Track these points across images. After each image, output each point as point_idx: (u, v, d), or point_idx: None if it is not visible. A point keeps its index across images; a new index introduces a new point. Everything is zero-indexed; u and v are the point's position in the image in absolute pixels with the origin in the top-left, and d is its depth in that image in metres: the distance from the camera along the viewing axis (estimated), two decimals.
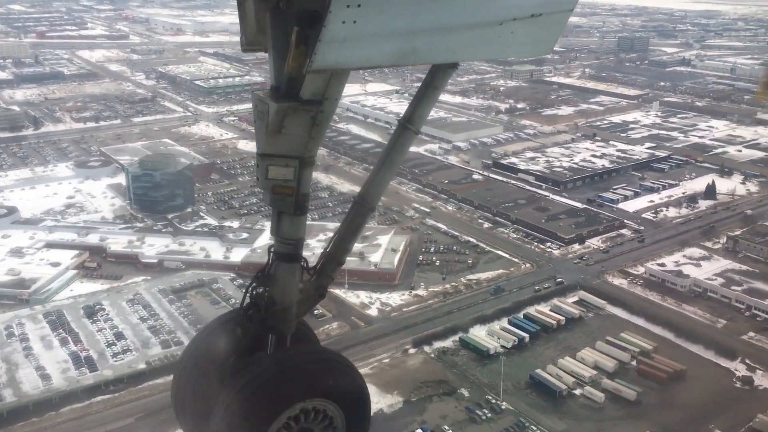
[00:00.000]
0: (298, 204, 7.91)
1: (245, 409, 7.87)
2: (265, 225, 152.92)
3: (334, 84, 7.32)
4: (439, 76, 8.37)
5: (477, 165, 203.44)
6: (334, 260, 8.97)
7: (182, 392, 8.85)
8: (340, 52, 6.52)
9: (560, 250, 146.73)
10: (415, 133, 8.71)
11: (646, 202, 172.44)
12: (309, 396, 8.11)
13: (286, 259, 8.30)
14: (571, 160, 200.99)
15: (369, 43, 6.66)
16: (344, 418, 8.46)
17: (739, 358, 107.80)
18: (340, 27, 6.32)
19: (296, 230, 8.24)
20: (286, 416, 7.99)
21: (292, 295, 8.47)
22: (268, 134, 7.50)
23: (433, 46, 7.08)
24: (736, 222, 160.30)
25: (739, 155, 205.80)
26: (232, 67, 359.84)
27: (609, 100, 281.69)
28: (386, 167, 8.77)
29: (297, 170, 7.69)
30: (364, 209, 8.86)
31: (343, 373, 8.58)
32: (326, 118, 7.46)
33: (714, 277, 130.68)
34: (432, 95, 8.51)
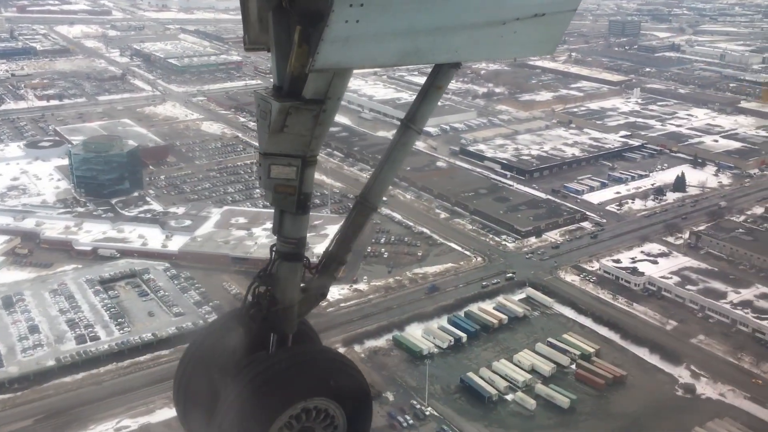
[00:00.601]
0: (300, 203, 7.92)
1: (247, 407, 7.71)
2: (212, 212, 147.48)
3: (337, 83, 7.20)
4: (442, 76, 8.25)
5: (444, 151, 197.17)
6: (336, 260, 9.02)
7: (184, 389, 8.80)
8: (343, 52, 6.44)
9: (515, 244, 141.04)
10: (418, 133, 8.59)
11: (613, 193, 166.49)
12: (310, 395, 8.05)
13: (288, 259, 8.31)
14: (540, 148, 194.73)
15: (371, 43, 6.56)
16: (345, 417, 8.39)
17: (685, 364, 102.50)
18: (342, 26, 6.24)
19: (298, 229, 8.24)
20: (287, 415, 7.91)
21: (293, 295, 8.51)
22: (271, 133, 7.36)
23: (435, 46, 6.99)
24: (703, 216, 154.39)
25: (715, 146, 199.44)
26: (210, 45, 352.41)
27: (590, 86, 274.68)
28: (388, 166, 8.86)
29: (299, 169, 7.66)
30: (365, 209, 9.00)
31: (345, 373, 8.53)
32: (329, 117, 7.32)
33: (670, 275, 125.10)
34: (434, 95, 8.39)
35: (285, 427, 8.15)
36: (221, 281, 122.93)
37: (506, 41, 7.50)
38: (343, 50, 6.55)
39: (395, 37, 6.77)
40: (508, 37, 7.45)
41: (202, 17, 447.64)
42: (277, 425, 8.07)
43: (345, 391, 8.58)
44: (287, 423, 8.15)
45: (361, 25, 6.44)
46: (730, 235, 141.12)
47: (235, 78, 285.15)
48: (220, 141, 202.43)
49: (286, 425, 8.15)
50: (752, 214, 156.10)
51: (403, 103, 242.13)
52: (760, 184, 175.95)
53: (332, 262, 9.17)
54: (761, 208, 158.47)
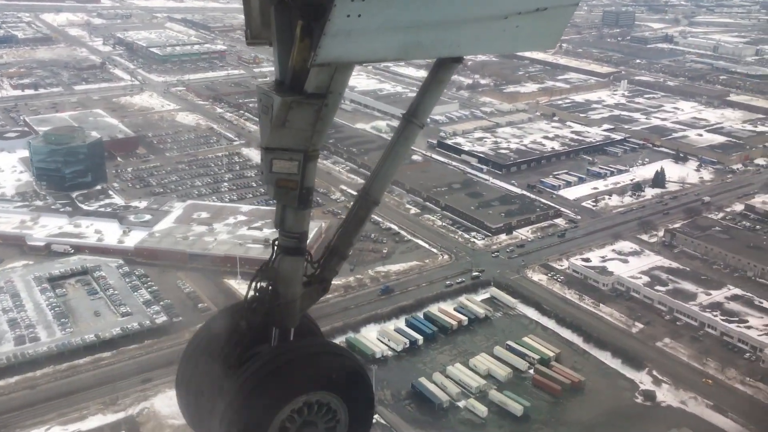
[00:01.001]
0: (302, 198, 7.80)
1: (249, 401, 7.76)
2: (175, 206, 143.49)
3: (339, 78, 7.20)
4: (444, 70, 8.22)
5: (422, 144, 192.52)
6: (338, 254, 8.81)
7: (187, 383, 8.77)
8: (345, 46, 6.45)
9: (485, 241, 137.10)
10: (420, 127, 8.56)
11: (590, 189, 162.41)
12: (312, 389, 8.02)
13: (290, 253, 8.15)
14: (520, 142, 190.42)
15: (373, 37, 6.57)
16: (347, 411, 8.36)
17: (647, 369, 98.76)
18: (344, 20, 6.25)
19: (300, 224, 8.09)
20: (289, 409, 7.90)
21: (295, 289, 8.35)
22: (273, 128, 7.31)
23: (437, 40, 7.01)
24: (680, 213, 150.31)
25: (699, 140, 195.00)
26: (196, 34, 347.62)
27: (578, 78, 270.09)
28: (390, 161, 8.60)
29: (301, 164, 7.55)
30: (368, 203, 8.71)
31: (347, 367, 8.46)
32: (330, 111, 7.34)
33: (639, 275, 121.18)
34: (436, 89, 8.39)
35: (287, 420, 8.11)
36: (176, 279, 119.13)
37: (508, 35, 7.47)
38: (344, 44, 6.49)
39: (397, 31, 6.74)
40: (510, 31, 7.41)
41: (192, 5, 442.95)
42: (279, 419, 8.03)
43: (347, 385, 8.52)
44: (289, 417, 8.11)
45: (363, 19, 6.38)
46: (705, 234, 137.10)
47: (217, 68, 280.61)
48: (194, 132, 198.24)
49: (288, 419, 8.12)
50: (731, 212, 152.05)
51: (385, 94, 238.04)
52: (742, 180, 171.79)
53: (334, 256, 9.00)
54: (741, 205, 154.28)
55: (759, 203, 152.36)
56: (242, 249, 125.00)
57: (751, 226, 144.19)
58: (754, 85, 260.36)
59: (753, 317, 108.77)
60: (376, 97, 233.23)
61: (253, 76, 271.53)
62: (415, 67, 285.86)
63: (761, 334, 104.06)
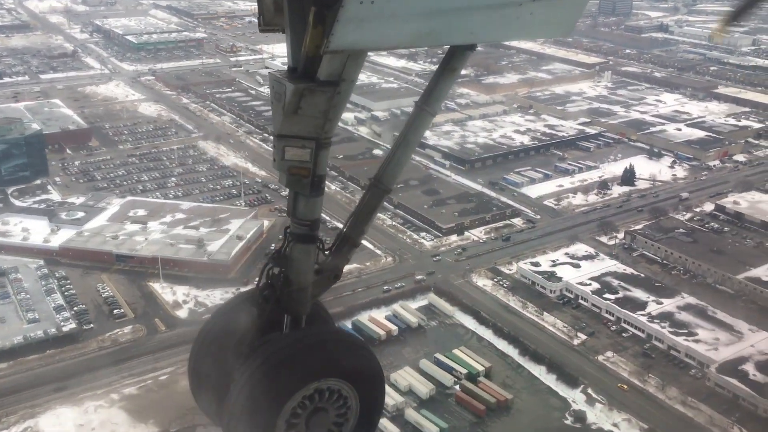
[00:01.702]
0: (314, 185, 7.81)
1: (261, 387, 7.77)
2: (113, 202, 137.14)
3: (351, 65, 7.16)
4: (457, 58, 8.24)
5: (388, 138, 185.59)
6: (349, 242, 9.02)
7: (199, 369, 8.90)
8: (358, 33, 6.41)
9: (433, 242, 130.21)
10: (432, 115, 8.51)
11: (555, 186, 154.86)
12: (323, 376, 8.04)
13: (301, 240, 8.20)
14: (489, 136, 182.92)
15: (386, 24, 6.53)
16: (358, 398, 8.41)
17: (582, 386, 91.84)
18: (357, 7, 6.22)
19: (312, 211, 8.15)
20: (300, 395, 7.92)
21: (307, 276, 8.43)
22: (285, 115, 7.28)
23: (451, 28, 6.93)
24: (644, 213, 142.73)
25: (677, 134, 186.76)
26: (179, 21, 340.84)
27: (562, 68, 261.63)
28: (402, 149, 8.74)
29: (313, 151, 7.49)
30: (379, 191, 8.94)
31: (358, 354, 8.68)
32: (343, 99, 7.32)
33: (590, 281, 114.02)
34: (449, 77, 8.36)
35: (298, 407, 8.04)
36: (98, 282, 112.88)
37: (522, 23, 7.32)
38: (357, 31, 6.43)
39: (410, 19, 6.64)
40: (524, 18, 7.27)
41: None
42: (290, 405, 7.98)
43: (357, 372, 8.47)
44: (300, 403, 8.05)
45: (376, 6, 6.31)
46: (667, 236, 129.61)
47: (193, 56, 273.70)
48: (153, 124, 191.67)
49: (300, 405, 8.06)
50: (700, 212, 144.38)
51: (358, 84, 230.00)
52: (718, 178, 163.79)
53: (345, 243, 8.98)
54: (712, 204, 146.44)
55: (730, 203, 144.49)
56: (172, 250, 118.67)
57: (719, 227, 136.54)
58: (745, 77, 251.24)
59: (703, 329, 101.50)
60: None
61: (229, 65, 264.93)
62: (396, 56, 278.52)
63: (709, 349, 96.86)
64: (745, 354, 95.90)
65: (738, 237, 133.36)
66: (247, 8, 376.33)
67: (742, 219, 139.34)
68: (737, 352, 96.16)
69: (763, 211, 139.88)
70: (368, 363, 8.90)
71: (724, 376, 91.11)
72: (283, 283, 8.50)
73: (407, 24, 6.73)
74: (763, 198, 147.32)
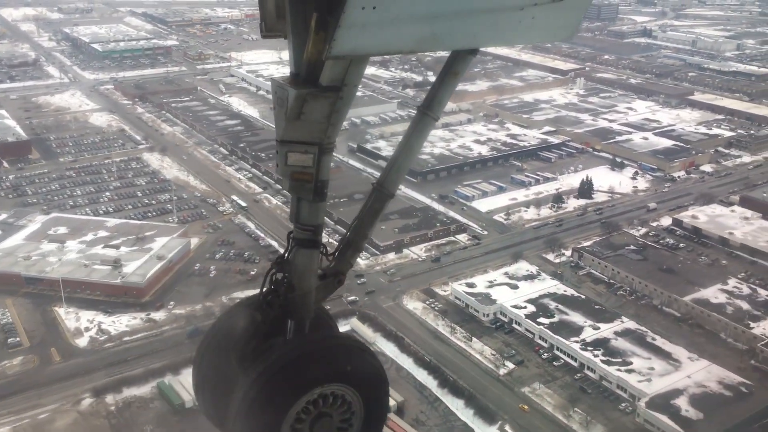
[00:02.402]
0: (317, 191, 7.85)
1: (264, 393, 7.89)
2: (35, 219, 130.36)
3: (354, 70, 7.18)
4: (459, 62, 8.09)
5: (343, 148, 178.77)
6: (353, 247, 8.77)
7: (203, 376, 8.76)
8: (360, 38, 6.41)
9: (369, 261, 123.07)
10: (434, 120, 8.43)
11: (507, 199, 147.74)
12: (327, 381, 8.09)
13: (305, 245, 8.19)
14: (447, 146, 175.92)
15: (388, 29, 6.52)
16: (362, 403, 8.38)
17: (500, 423, 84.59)
18: (359, 12, 6.20)
19: (315, 217, 8.16)
20: (304, 401, 8.01)
21: (311, 281, 8.37)
22: (288, 121, 7.31)
23: (453, 32, 6.96)
24: (596, 229, 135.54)
25: (643, 144, 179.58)
26: (153, 29, 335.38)
27: (536, 75, 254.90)
28: (405, 154, 8.53)
29: (316, 157, 7.59)
30: (382, 195, 8.65)
31: (362, 359, 8.46)
32: (345, 104, 7.37)
33: (525, 303, 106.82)
34: (451, 81, 8.30)
35: (302, 412, 7.95)
36: (1, 306, 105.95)
37: (524, 27, 7.27)
38: (359, 37, 6.36)
39: (412, 23, 6.59)
40: (526, 22, 7.22)
41: None
42: (294, 411, 7.89)
43: (361, 377, 8.25)
44: (304, 409, 7.96)
45: (378, 11, 6.25)
46: (616, 254, 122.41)
47: (158, 64, 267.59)
48: (100, 135, 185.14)
49: (303, 411, 7.96)
50: (657, 227, 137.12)
51: None
52: (681, 190, 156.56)
53: (348, 248, 8.66)
54: (670, 218, 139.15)
55: (688, 217, 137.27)
56: (84, 271, 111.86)
57: (674, 243, 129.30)
58: (724, 83, 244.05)
59: (639, 358, 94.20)
60: None
61: (195, 73, 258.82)
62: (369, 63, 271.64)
63: (642, 380, 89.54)
64: (680, 386, 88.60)
65: (693, 254, 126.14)
66: (223, 16, 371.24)
67: (699, 234, 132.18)
68: (672, 384, 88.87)
69: (723, 226, 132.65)
70: (372, 368, 8.48)
71: (653, 412, 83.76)
72: (287, 289, 8.26)
73: (409, 29, 6.61)
74: (723, 211, 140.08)
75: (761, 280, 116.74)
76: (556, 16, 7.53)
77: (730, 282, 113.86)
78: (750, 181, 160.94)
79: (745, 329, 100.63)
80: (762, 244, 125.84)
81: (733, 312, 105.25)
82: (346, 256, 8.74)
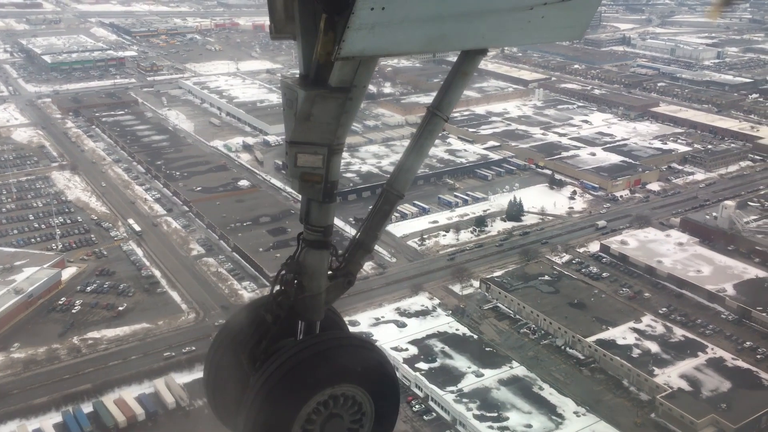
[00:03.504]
0: (326, 192, 7.87)
1: (275, 393, 7.91)
2: None
3: (363, 71, 7.26)
4: (468, 62, 8.03)
5: (270, 166, 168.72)
6: (363, 248, 8.82)
7: (214, 377, 8.89)
8: (369, 39, 6.43)
9: (256, 293, 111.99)
10: (444, 120, 8.46)
11: (427, 222, 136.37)
12: (338, 382, 8.12)
13: (314, 246, 8.24)
14: (377, 163, 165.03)
15: (397, 30, 6.53)
16: (373, 404, 8.41)
17: None
18: (368, 13, 6.23)
19: (325, 218, 8.20)
20: (315, 401, 8.03)
21: (321, 282, 8.42)
22: (297, 122, 7.40)
23: (461, 32, 6.97)
24: (515, 256, 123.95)
25: (589, 160, 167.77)
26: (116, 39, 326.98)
27: (496, 86, 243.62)
28: (415, 154, 8.52)
29: (325, 158, 7.62)
30: (392, 196, 8.65)
31: (372, 360, 8.48)
32: (355, 105, 7.44)
33: (408, 345, 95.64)
34: (461, 81, 8.21)
35: (313, 413, 7.99)
36: None
37: (533, 26, 7.26)
38: (368, 38, 6.36)
39: (421, 24, 6.59)
40: (535, 22, 7.22)
41: (137, 9, 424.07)
42: (305, 411, 7.94)
43: (372, 377, 8.32)
44: (315, 409, 8.02)
45: (387, 11, 6.24)
46: (527, 285, 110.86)
47: (108, 76, 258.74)
48: (16, 152, 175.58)
49: (314, 411, 8.01)
50: (583, 253, 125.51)
51: (266, 105, 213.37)
52: (622, 211, 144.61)
53: (358, 249, 8.71)
54: (599, 243, 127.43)
55: (617, 243, 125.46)
56: None
57: (596, 273, 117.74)
58: (693, 93, 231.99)
59: (518, 412, 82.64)
60: (252, 108, 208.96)
61: (143, 85, 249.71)
62: None
63: None
64: None
65: (615, 284, 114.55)
66: (193, 26, 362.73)
67: (626, 262, 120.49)
68: None
69: (653, 253, 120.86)
70: (383, 369, 8.37)
71: None
72: (297, 290, 8.25)
73: (418, 29, 6.60)
74: (658, 236, 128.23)
75: (683, 317, 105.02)
76: (565, 16, 7.42)
77: (644, 319, 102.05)
78: (698, 201, 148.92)
79: (648, 377, 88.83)
80: (691, 274, 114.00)
81: (639, 356, 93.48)
82: (355, 257, 8.66)
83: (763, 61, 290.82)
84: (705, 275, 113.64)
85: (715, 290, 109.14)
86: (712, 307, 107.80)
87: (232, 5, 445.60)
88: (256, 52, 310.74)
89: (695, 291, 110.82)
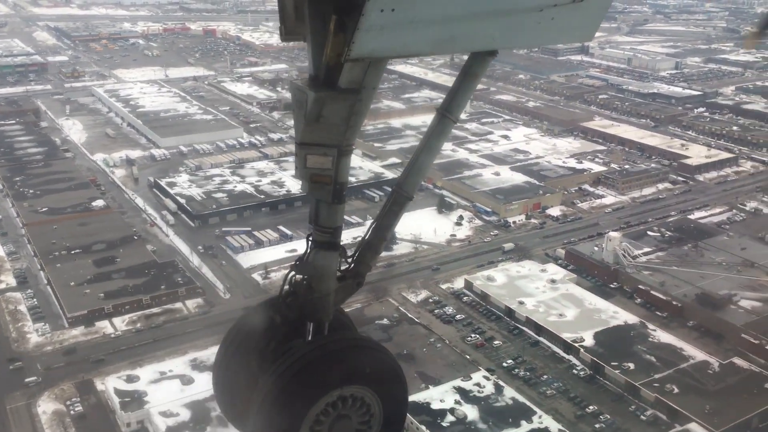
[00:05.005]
0: (335, 193, 7.85)
1: (284, 394, 7.88)
2: None
3: (372, 72, 7.23)
4: (478, 64, 8.02)
5: (144, 183, 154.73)
6: (372, 249, 8.78)
7: (223, 377, 8.83)
8: (379, 41, 6.44)
9: (46, 337, 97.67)
10: (454, 122, 8.38)
11: (284, 251, 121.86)
12: (346, 383, 8.09)
13: (323, 248, 8.19)
14: (257, 182, 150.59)
15: (407, 31, 6.55)
16: (381, 405, 8.38)
17: None
18: (378, 15, 6.23)
19: (334, 219, 8.13)
20: (324, 402, 8.00)
21: (329, 283, 8.41)
22: (307, 123, 7.35)
23: (471, 34, 6.98)
24: (369, 293, 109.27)
25: (491, 180, 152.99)
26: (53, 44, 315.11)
27: (427, 96, 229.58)
28: (424, 156, 8.47)
29: (335, 159, 7.60)
30: (401, 198, 8.59)
31: (381, 361, 8.47)
32: (364, 106, 7.42)
33: (181, 409, 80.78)
34: (470, 83, 8.18)
35: (321, 414, 7.99)
36: None
37: (543, 28, 7.23)
38: (378, 39, 6.37)
39: (431, 26, 6.59)
40: (545, 23, 7.19)
41: (96, 13, 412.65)
42: (314, 412, 7.93)
43: (381, 379, 8.30)
44: (323, 410, 8.00)
45: (397, 13, 6.25)
46: (361, 328, 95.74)
47: (24, 82, 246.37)
48: None
49: (323, 413, 8.00)
50: (446, 290, 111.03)
51: (170, 116, 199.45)
52: (511, 239, 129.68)
53: (368, 251, 8.69)
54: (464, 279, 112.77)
55: (482, 279, 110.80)
56: None
57: (450, 315, 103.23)
58: (633, 107, 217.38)
59: None
60: (154, 119, 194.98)
61: (58, 92, 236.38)
62: (249, 83, 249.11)
63: None
64: None
65: (468, 329, 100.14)
66: (139, 30, 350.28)
67: (487, 301, 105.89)
68: None
69: (517, 292, 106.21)
70: (391, 370, 8.42)
71: None
72: (306, 291, 8.26)
73: (428, 31, 6.59)
74: (531, 270, 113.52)
75: (529, 371, 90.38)
76: (575, 17, 7.35)
77: (475, 376, 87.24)
78: (599, 228, 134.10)
79: None
80: (551, 318, 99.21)
81: (450, 425, 78.63)
82: (365, 258, 8.60)
83: (722, 72, 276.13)
84: (566, 320, 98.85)
85: (571, 339, 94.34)
86: (567, 359, 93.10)
87: (192, 9, 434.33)
88: (194, 58, 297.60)
89: (552, 339, 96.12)
